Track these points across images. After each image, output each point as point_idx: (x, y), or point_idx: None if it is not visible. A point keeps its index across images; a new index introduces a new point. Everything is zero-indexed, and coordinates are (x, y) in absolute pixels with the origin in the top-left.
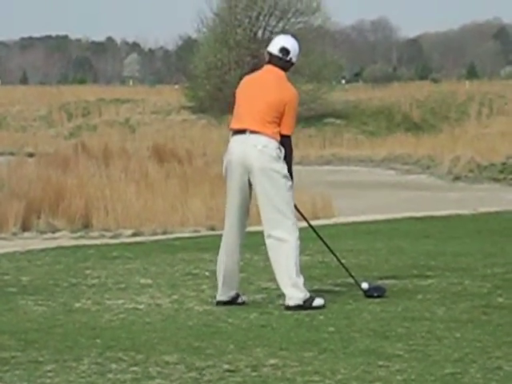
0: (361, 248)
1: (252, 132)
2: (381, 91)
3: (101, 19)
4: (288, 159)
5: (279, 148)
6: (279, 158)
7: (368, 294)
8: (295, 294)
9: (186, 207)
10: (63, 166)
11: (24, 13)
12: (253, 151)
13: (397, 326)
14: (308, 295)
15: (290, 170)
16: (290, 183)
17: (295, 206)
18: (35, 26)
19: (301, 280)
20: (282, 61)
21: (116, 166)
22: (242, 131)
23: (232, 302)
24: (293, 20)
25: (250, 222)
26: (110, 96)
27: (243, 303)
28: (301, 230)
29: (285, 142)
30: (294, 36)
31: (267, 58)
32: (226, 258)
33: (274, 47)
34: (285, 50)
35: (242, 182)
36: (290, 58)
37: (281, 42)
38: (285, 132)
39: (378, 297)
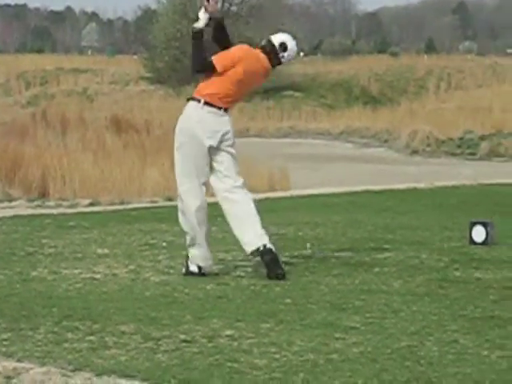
0: (318, 221)
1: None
2: (339, 64)
3: None
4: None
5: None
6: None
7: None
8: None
9: (144, 177)
10: (20, 135)
11: None
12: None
13: (354, 299)
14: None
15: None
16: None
17: None
18: None
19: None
20: (273, 53)
21: (73, 135)
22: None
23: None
24: None
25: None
26: (68, 65)
27: (202, 272)
28: (262, 201)
29: None
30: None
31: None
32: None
33: (276, 38)
34: (283, 46)
35: None
36: (283, 56)
37: (284, 38)
38: None
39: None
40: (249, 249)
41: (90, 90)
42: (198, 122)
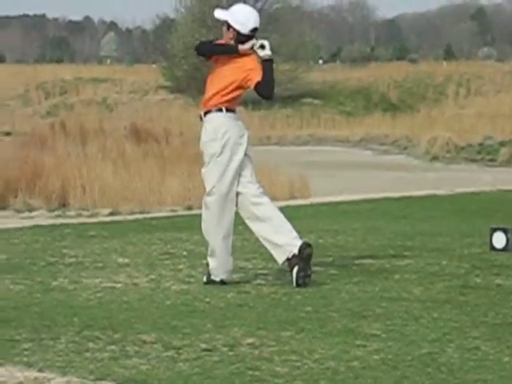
0: (338, 228)
1: None
2: (358, 71)
3: None
4: None
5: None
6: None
7: None
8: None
9: (164, 187)
10: (40, 145)
11: None
12: None
13: (374, 306)
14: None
15: None
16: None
17: None
18: (12, 4)
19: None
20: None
21: (93, 145)
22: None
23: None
24: (271, 0)
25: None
26: (87, 75)
27: (224, 283)
28: (282, 208)
29: None
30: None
31: (234, 35)
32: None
33: (244, 27)
34: (256, 30)
35: None
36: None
37: (252, 22)
38: None
39: None
40: (284, 253)
41: (109, 99)
42: (225, 132)
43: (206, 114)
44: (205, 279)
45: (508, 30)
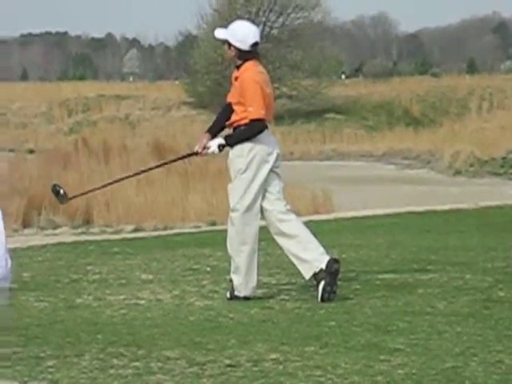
0: (361, 243)
1: None
2: (381, 86)
3: (100, 15)
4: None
5: None
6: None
7: None
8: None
9: (187, 203)
10: (63, 163)
11: (23, 9)
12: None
13: (398, 321)
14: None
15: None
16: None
17: None
18: (35, 22)
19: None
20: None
21: (116, 162)
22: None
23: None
24: (292, 15)
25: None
26: (110, 92)
27: (247, 298)
28: (306, 223)
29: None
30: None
31: (236, 53)
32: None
33: (244, 44)
34: (256, 45)
35: None
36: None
37: (251, 37)
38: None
39: None
40: (311, 269)
41: (132, 116)
42: (252, 148)
43: (235, 129)
44: (228, 295)
45: None
